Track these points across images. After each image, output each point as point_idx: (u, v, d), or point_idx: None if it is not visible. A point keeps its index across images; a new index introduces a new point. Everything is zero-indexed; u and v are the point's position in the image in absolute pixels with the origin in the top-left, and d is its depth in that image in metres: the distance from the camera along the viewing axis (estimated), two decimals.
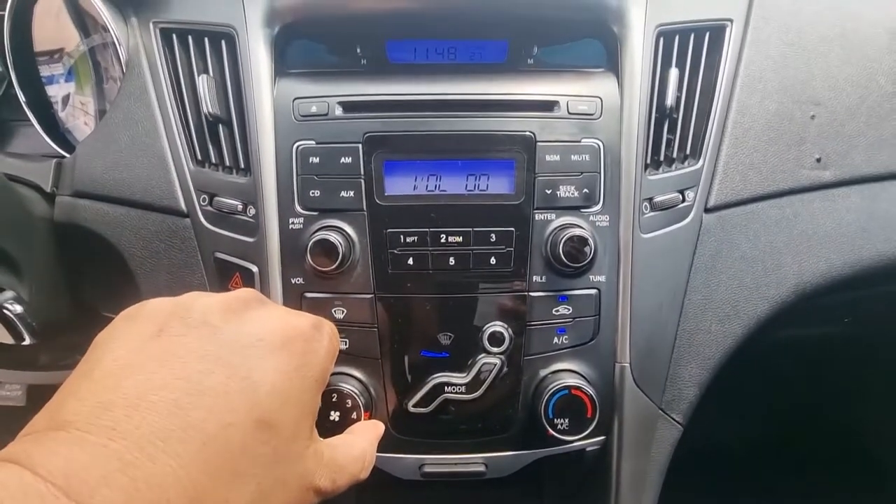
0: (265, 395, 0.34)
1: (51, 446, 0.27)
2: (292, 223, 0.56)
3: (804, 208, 0.64)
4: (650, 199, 0.59)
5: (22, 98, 0.68)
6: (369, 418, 0.54)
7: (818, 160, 0.64)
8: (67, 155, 0.64)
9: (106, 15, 0.62)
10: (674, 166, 0.61)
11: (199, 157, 0.59)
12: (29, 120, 0.68)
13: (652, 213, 0.59)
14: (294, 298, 0.57)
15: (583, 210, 0.57)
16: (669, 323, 0.60)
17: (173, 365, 0.32)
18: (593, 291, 0.57)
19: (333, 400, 0.53)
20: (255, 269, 0.57)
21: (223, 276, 0.59)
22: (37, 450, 0.27)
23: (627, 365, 0.58)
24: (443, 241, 0.55)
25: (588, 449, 0.59)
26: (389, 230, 0.55)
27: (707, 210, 0.61)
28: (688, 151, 0.61)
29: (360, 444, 0.45)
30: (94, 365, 0.33)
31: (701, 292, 0.62)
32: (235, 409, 0.32)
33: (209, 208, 0.59)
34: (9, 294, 0.53)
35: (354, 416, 0.53)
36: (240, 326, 0.37)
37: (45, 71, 0.68)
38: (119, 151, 0.60)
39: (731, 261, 0.62)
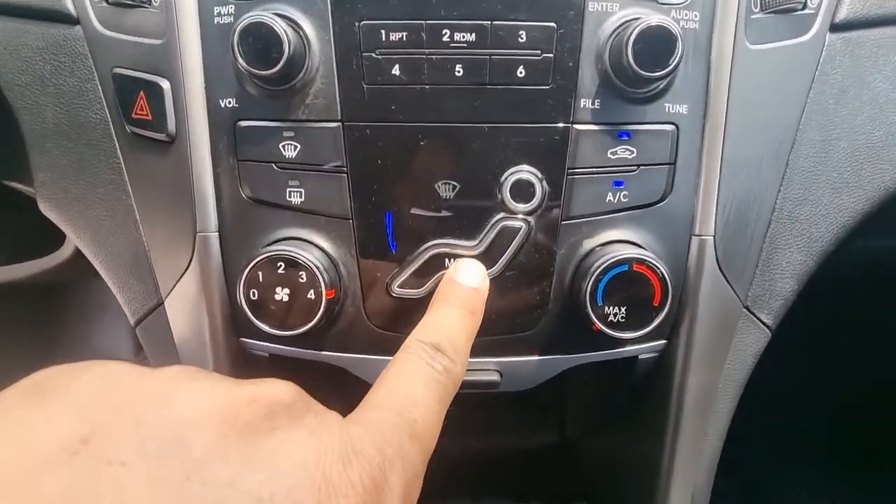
0: None
1: None
2: (219, 13, 0.38)
3: None
4: None
5: None
6: (333, 296, 0.37)
7: None
8: None
9: None
10: None
11: None
12: None
13: (761, 15, 0.40)
14: (224, 128, 0.39)
15: (660, 1, 0.37)
16: (770, 185, 0.42)
17: None
18: (669, 127, 0.39)
19: (280, 271, 0.36)
20: (164, 84, 0.39)
21: (126, 102, 0.41)
22: None
23: (711, 238, 0.41)
24: (445, 39, 0.37)
25: (641, 357, 0.43)
26: (365, 23, 0.36)
27: (834, 27, 0.43)
28: None
29: None
30: None
31: (815, 146, 0.44)
32: None
33: (103, 4, 0.41)
34: None
35: (311, 295, 0.36)
36: (243, 467, 0.20)
37: None
38: None
39: (858, 104, 0.45)
